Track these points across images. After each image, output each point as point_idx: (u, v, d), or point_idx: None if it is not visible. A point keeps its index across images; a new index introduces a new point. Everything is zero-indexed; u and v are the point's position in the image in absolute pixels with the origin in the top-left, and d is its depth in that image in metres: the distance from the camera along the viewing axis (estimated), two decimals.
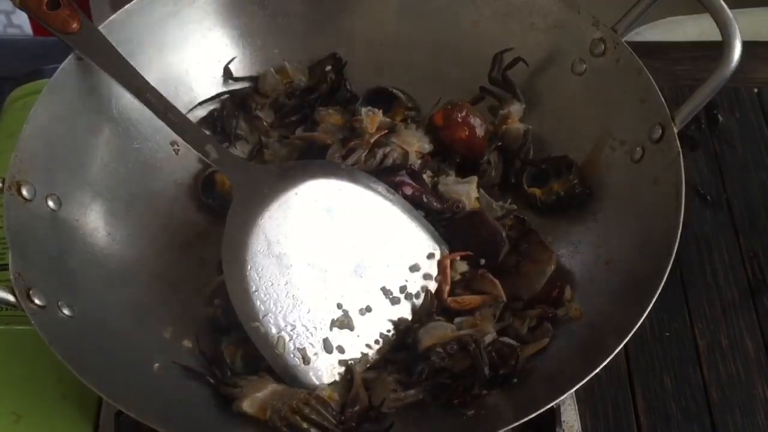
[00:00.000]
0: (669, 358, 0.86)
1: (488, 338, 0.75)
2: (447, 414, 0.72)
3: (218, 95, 0.90)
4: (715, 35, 0.75)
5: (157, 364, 0.75)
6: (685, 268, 0.92)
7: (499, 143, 0.88)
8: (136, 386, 0.72)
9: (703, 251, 0.93)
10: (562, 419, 0.76)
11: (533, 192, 0.86)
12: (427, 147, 0.87)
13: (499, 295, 0.79)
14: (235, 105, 0.90)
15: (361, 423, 0.72)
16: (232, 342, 0.77)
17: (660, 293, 0.69)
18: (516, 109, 0.88)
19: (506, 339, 0.75)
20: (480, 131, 0.87)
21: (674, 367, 0.86)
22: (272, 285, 0.76)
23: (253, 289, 0.75)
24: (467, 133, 0.86)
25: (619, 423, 0.82)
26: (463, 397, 0.72)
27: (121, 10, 0.83)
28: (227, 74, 0.91)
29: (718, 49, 0.74)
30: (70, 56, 0.80)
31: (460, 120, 0.86)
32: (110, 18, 0.83)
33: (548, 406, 0.65)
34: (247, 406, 0.71)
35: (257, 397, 0.71)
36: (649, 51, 1.06)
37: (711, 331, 0.88)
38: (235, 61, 0.91)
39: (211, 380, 0.74)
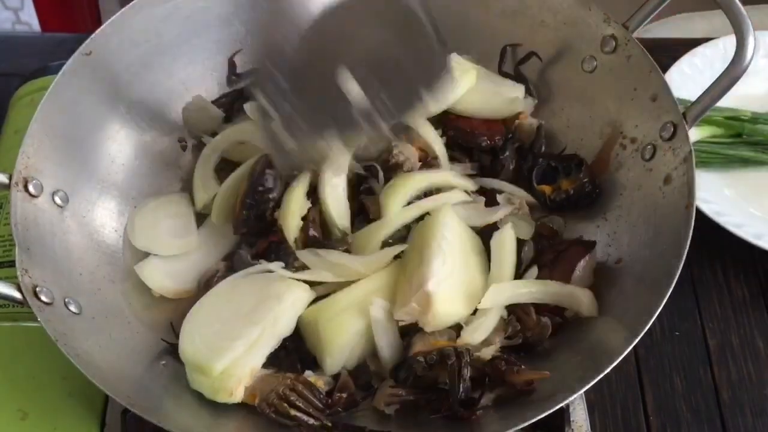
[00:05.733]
0: (679, 358, 0.86)
1: (489, 351, 0.73)
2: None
3: (225, 95, 0.90)
4: (724, 32, 0.74)
5: (163, 362, 0.75)
6: (695, 267, 0.91)
7: (515, 141, 0.87)
8: (142, 384, 0.72)
9: (713, 250, 0.93)
10: (572, 419, 0.76)
11: (542, 189, 0.85)
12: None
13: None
14: (243, 100, 0.90)
15: (348, 408, 0.71)
16: None
17: (670, 292, 0.68)
18: (528, 104, 0.88)
19: (505, 355, 0.72)
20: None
21: (684, 367, 0.85)
22: None
23: None
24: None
25: (629, 423, 0.82)
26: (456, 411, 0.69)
27: (127, 6, 0.83)
28: (231, 67, 0.90)
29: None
30: (77, 52, 0.80)
31: None
32: (118, 13, 0.82)
33: (558, 407, 0.65)
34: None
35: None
36: (658, 47, 1.05)
37: (721, 330, 0.87)
38: (242, 55, 0.90)
39: None
